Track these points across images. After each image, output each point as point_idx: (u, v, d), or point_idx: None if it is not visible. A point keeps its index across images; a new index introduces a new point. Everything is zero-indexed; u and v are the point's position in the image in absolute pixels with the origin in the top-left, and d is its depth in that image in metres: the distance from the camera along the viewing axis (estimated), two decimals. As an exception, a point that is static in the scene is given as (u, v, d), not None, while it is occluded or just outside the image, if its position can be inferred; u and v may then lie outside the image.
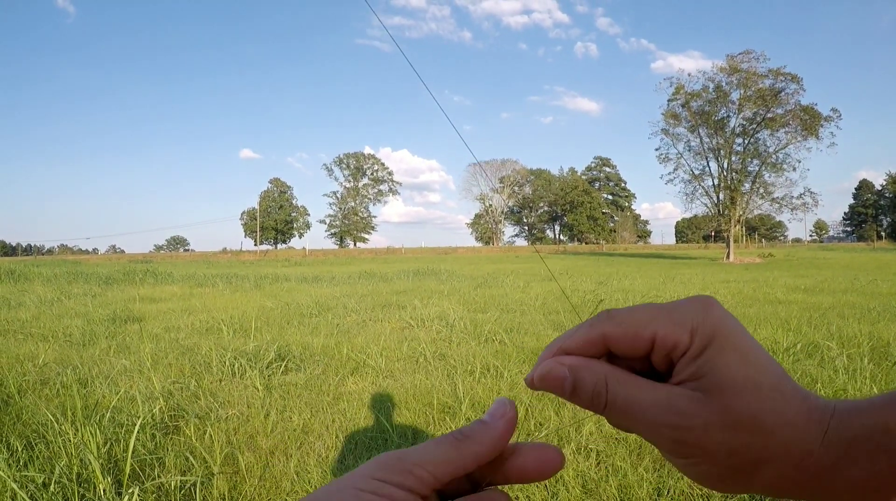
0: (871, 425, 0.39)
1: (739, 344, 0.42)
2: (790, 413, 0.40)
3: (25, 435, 3.82)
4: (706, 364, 0.41)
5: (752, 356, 0.42)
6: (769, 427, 0.40)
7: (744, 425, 0.40)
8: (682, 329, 0.42)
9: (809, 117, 42.07)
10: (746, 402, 0.40)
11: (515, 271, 23.82)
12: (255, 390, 5.13)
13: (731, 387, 0.40)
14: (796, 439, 0.40)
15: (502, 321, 8.73)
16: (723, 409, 0.40)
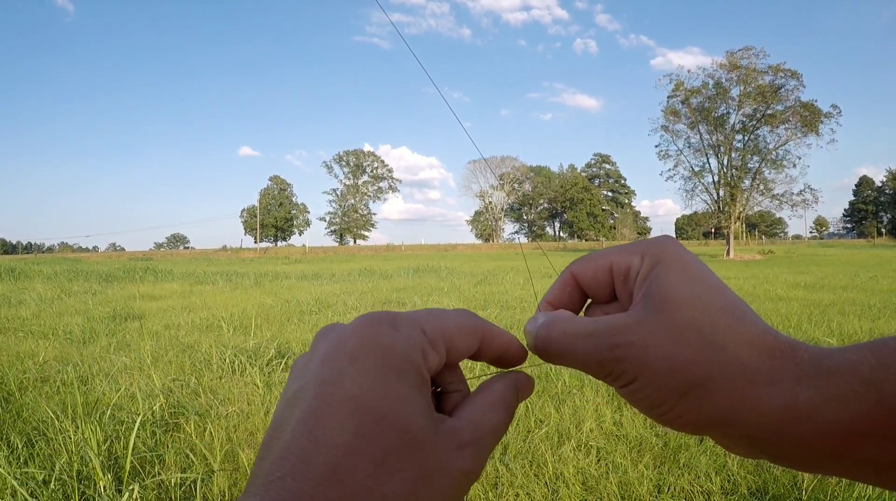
0: (856, 360, 0.35)
1: (689, 267, 0.42)
2: (746, 334, 0.38)
3: (26, 433, 3.83)
4: (653, 281, 0.41)
5: (701, 278, 0.41)
6: (718, 342, 0.38)
7: (687, 338, 0.38)
8: (634, 254, 0.44)
9: (809, 114, 42.12)
10: (691, 316, 0.39)
11: (515, 268, 23.82)
12: (255, 387, 5.13)
13: (676, 300, 0.39)
14: (755, 361, 0.37)
15: (502, 319, 8.73)
16: (665, 322, 0.39)
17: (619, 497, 2.90)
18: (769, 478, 3.05)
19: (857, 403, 0.34)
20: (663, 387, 0.38)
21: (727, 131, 45.15)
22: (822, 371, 0.35)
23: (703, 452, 3.38)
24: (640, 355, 0.39)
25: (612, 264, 0.45)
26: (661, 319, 0.39)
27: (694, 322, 0.38)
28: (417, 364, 0.38)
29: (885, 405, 0.33)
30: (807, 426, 0.35)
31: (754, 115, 44.06)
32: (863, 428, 0.34)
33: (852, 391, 0.34)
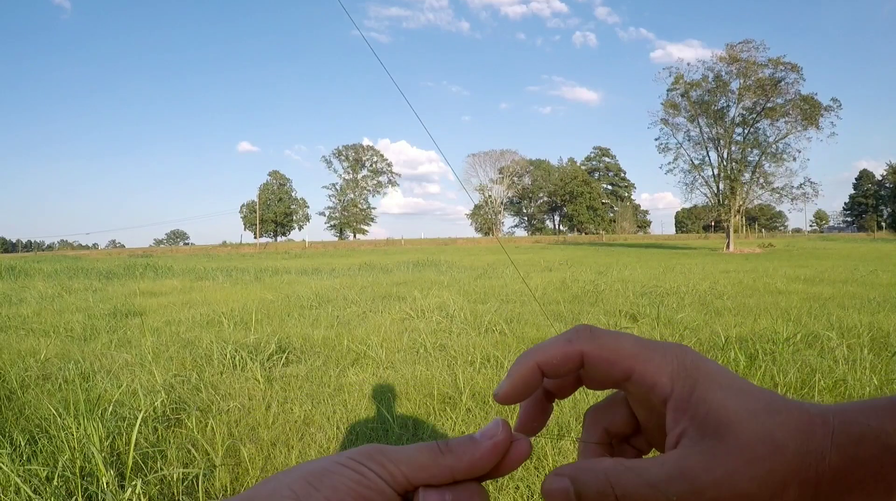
0: (878, 426, 0.39)
1: (725, 381, 0.42)
2: (794, 424, 0.39)
3: (28, 430, 3.84)
4: (701, 405, 0.41)
5: (739, 388, 0.41)
6: (782, 443, 0.39)
7: (761, 453, 0.39)
8: (661, 372, 0.42)
9: (809, 107, 41.99)
10: (755, 429, 0.39)
11: (515, 262, 23.83)
12: (256, 382, 5.15)
13: (736, 420, 0.40)
14: (808, 446, 0.39)
15: (502, 312, 8.75)
16: (737, 446, 0.39)
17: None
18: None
19: (878, 466, 0.38)
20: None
21: (727, 124, 45.03)
22: (853, 439, 0.39)
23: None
24: (729, 486, 0.39)
25: (632, 373, 0.43)
26: (730, 444, 0.39)
27: (760, 433, 0.39)
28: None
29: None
30: (841, 485, 0.39)
31: (754, 108, 43.94)
32: (882, 486, 0.39)
33: (875, 457, 0.38)
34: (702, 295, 10.83)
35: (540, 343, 0.47)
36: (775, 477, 0.39)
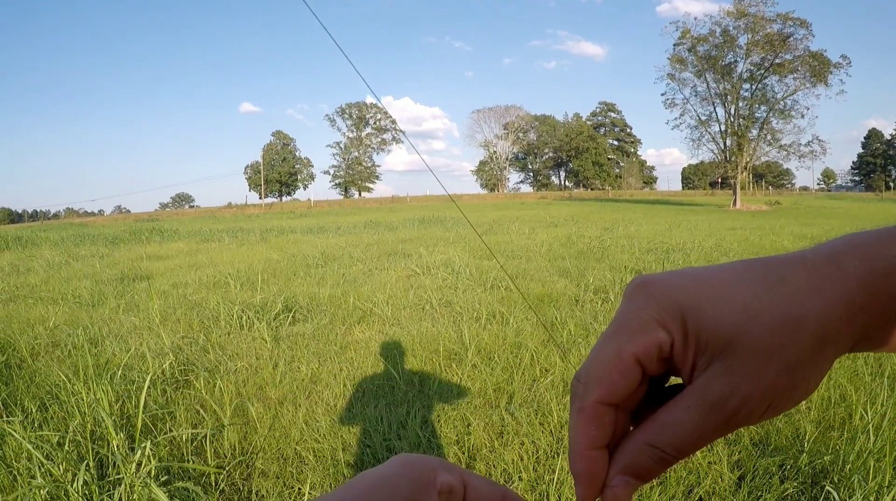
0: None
1: (704, 290, 0.38)
2: (803, 288, 0.36)
3: (39, 397, 3.88)
4: (698, 335, 0.37)
5: (724, 286, 0.38)
6: (798, 316, 0.36)
7: (780, 340, 0.36)
8: (651, 329, 0.38)
9: (818, 64, 41.33)
10: (762, 321, 0.36)
11: (521, 218, 23.80)
12: (262, 341, 5.18)
13: (737, 325, 0.36)
14: (828, 301, 0.36)
15: (508, 267, 8.76)
16: (752, 349, 0.36)
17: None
18: (772, 429, 3.08)
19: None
20: (793, 385, 0.37)
21: (734, 80, 44.40)
22: (879, 274, 0.36)
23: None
24: (760, 390, 0.36)
25: (637, 359, 0.38)
26: (740, 355, 0.36)
27: (765, 327, 0.36)
28: None
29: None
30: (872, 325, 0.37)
31: (762, 64, 43.25)
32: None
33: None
34: (707, 252, 10.81)
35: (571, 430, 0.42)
36: (806, 351, 0.36)
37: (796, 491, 2.54)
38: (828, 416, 3.18)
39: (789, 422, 3.13)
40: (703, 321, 0.37)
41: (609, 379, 0.38)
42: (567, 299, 6.47)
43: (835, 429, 3.03)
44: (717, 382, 0.36)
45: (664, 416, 0.38)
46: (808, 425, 3.02)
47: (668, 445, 0.38)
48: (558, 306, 6.10)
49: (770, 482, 2.59)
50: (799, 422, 3.11)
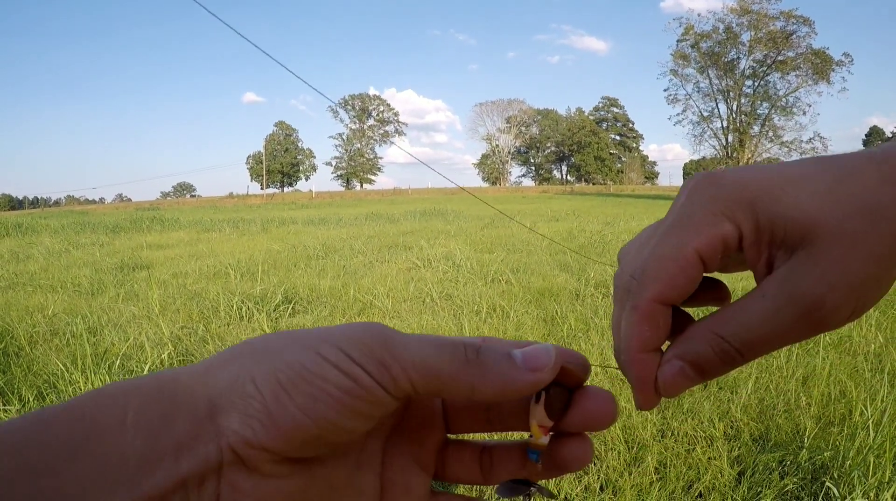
0: None
1: (776, 181, 0.35)
2: (875, 177, 0.34)
3: (37, 386, 3.87)
4: (773, 225, 0.35)
5: (796, 177, 0.35)
6: (876, 205, 0.34)
7: (861, 228, 0.33)
8: (717, 222, 0.36)
9: (821, 61, 41.45)
10: (841, 209, 0.34)
11: (522, 212, 23.76)
12: (262, 332, 5.15)
13: (816, 212, 0.34)
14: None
15: (509, 261, 8.74)
16: (834, 236, 0.34)
17: (623, 441, 2.93)
18: (772, 425, 3.07)
19: None
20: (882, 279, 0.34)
21: (737, 77, 44.54)
22: None
23: (706, 397, 3.40)
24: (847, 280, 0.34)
25: (700, 255, 0.36)
26: (822, 243, 0.34)
27: (845, 214, 0.34)
28: None
29: None
30: None
31: (765, 61, 43.39)
32: None
33: None
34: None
35: (617, 330, 0.40)
36: (887, 240, 0.33)
37: (796, 487, 2.53)
38: (828, 412, 3.17)
39: (789, 418, 3.12)
40: (780, 209, 0.35)
41: (669, 275, 0.36)
42: (568, 293, 6.45)
43: (835, 425, 3.02)
44: (800, 271, 0.34)
45: (737, 305, 0.36)
46: (807, 421, 3.01)
47: (735, 336, 0.35)
48: (559, 300, 6.08)
49: (770, 478, 2.58)
50: (799, 418, 3.10)
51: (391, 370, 0.32)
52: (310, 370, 0.31)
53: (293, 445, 0.31)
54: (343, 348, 0.32)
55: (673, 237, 0.36)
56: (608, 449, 2.88)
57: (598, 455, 2.85)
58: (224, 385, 0.31)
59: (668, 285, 0.36)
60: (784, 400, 3.34)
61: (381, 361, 0.32)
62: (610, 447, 2.90)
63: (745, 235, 0.36)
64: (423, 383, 0.33)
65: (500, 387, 0.33)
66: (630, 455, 2.83)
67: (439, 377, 0.33)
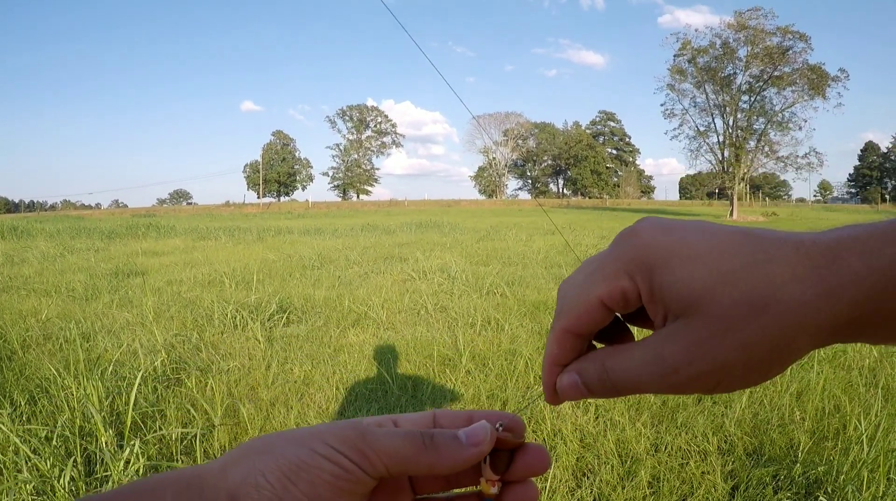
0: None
1: (685, 252, 0.39)
2: (788, 272, 0.36)
3: (29, 390, 3.85)
4: (665, 290, 0.38)
5: (706, 253, 0.38)
6: (770, 298, 0.36)
7: (739, 316, 0.36)
8: (619, 277, 0.40)
9: (817, 77, 41.59)
10: (728, 292, 0.36)
11: (518, 225, 23.79)
12: (256, 342, 5.16)
13: (703, 291, 0.37)
14: (813, 289, 0.35)
15: (504, 274, 8.74)
16: (709, 317, 0.37)
17: (617, 455, 2.92)
18: (766, 440, 3.07)
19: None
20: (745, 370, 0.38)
21: (733, 92, 44.63)
22: (876, 272, 0.35)
23: (700, 412, 3.40)
24: (708, 364, 0.38)
25: (602, 302, 0.41)
26: (700, 320, 0.37)
27: (731, 300, 0.36)
28: None
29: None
30: (882, 325, 0.36)
31: (761, 76, 43.50)
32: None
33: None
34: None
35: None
36: (769, 336, 0.36)
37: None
38: (822, 427, 3.17)
39: (783, 433, 3.12)
40: (672, 280, 0.38)
41: (576, 314, 0.42)
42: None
43: (829, 440, 3.02)
44: (672, 338, 0.38)
45: (625, 350, 0.41)
46: (802, 435, 3.01)
47: (614, 371, 0.41)
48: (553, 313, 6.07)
49: (764, 492, 2.58)
50: (793, 433, 3.09)
51: (369, 458, 0.40)
52: (307, 462, 0.39)
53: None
54: (331, 443, 0.40)
55: (587, 284, 0.42)
56: (602, 463, 2.87)
57: (591, 469, 2.84)
58: (239, 480, 0.38)
59: (576, 321, 0.43)
60: (778, 415, 3.34)
61: (361, 452, 0.40)
62: (603, 461, 2.89)
63: (642, 293, 0.40)
64: (394, 466, 0.40)
65: (451, 463, 0.41)
66: (623, 469, 2.82)
67: (405, 461, 0.41)
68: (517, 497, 0.44)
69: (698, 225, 0.41)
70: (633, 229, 0.42)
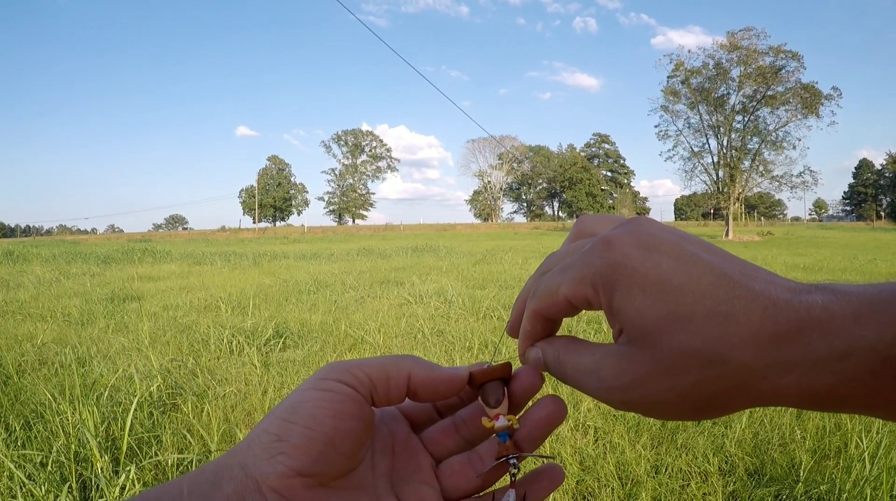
0: (874, 337, 0.32)
1: (651, 280, 0.37)
2: (745, 334, 0.34)
3: (24, 415, 3.82)
4: (620, 315, 0.38)
5: (671, 288, 0.37)
6: (717, 356, 0.35)
7: (682, 366, 0.36)
8: (584, 284, 0.40)
9: (810, 95, 42.01)
10: (680, 339, 0.35)
11: (514, 248, 23.82)
12: (252, 367, 5.13)
13: (655, 330, 0.36)
14: (763, 359, 0.34)
15: (501, 298, 8.74)
16: (653, 356, 0.37)
17: (617, 478, 2.90)
18: (767, 459, 3.05)
19: (875, 381, 0.32)
20: (679, 408, 0.38)
21: (727, 112, 45.05)
22: (836, 354, 0.32)
23: (700, 433, 3.38)
24: (643, 393, 0.38)
25: (569, 301, 0.42)
26: (647, 354, 0.37)
27: (682, 346, 0.36)
28: None
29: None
30: (826, 401, 0.34)
31: (754, 96, 43.94)
32: (882, 399, 0.33)
33: (870, 371, 0.32)
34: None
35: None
36: (707, 390, 0.36)
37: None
38: (823, 445, 3.16)
39: (784, 452, 3.10)
40: (628, 305, 0.38)
41: (545, 304, 0.44)
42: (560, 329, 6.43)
43: (830, 458, 3.01)
44: (612, 362, 0.39)
45: (580, 350, 0.43)
46: (803, 454, 3.00)
47: (562, 368, 0.43)
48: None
49: (765, 515, 2.56)
50: (794, 452, 3.08)
51: (355, 374, 0.42)
52: (301, 400, 0.41)
53: (313, 456, 0.39)
54: (317, 376, 0.42)
55: (558, 277, 0.43)
56: (602, 486, 2.85)
57: (591, 493, 2.82)
58: (245, 448, 0.40)
59: (545, 309, 0.44)
60: (779, 434, 3.33)
61: (346, 371, 0.42)
62: (604, 483, 2.87)
63: (603, 306, 0.40)
64: (376, 375, 0.43)
65: (428, 373, 0.45)
66: (624, 492, 2.80)
67: (386, 372, 0.44)
68: (533, 418, 0.47)
69: (680, 248, 0.39)
70: (610, 239, 0.40)
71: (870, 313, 0.32)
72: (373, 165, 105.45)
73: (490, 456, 0.47)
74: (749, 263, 0.39)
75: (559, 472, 0.48)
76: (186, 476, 0.40)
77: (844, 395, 0.33)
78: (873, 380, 0.32)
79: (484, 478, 0.47)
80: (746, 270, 0.38)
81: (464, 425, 0.49)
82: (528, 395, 0.47)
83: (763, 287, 0.36)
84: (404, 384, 0.44)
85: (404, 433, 0.48)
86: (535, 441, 0.47)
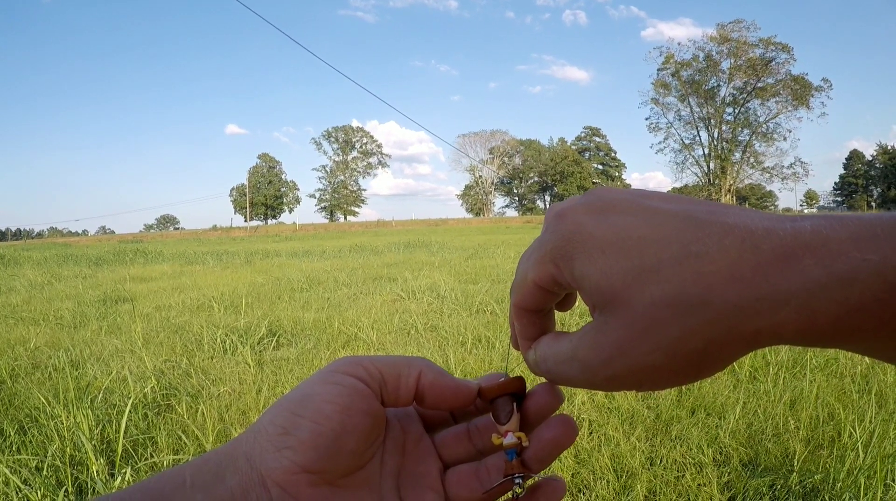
0: (879, 260, 0.28)
1: (609, 240, 0.35)
2: (724, 269, 0.31)
3: (18, 420, 3.81)
4: (584, 283, 0.36)
5: (632, 243, 0.34)
6: (698, 299, 0.31)
7: (661, 318, 0.32)
8: (545, 263, 0.39)
9: (800, 87, 42.23)
10: (648, 294, 0.33)
11: (506, 242, 23.84)
12: (246, 366, 5.13)
13: (622, 290, 0.34)
14: (753, 292, 0.30)
15: (493, 292, 8.74)
16: (627, 319, 0.34)
17: (612, 470, 2.91)
18: (761, 450, 3.07)
19: (884, 310, 0.28)
20: (671, 372, 0.34)
21: (717, 104, 45.29)
22: (837, 280, 0.29)
23: (694, 424, 3.39)
24: (626, 363, 0.35)
25: (538, 285, 0.41)
26: (616, 319, 0.35)
27: (652, 299, 0.33)
28: None
29: None
30: (831, 335, 0.30)
31: (745, 88, 44.19)
32: (890, 331, 0.29)
33: (876, 299, 0.28)
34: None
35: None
36: (694, 341, 0.32)
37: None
38: (816, 435, 3.18)
39: (778, 442, 3.12)
40: (590, 271, 0.36)
41: (521, 295, 0.43)
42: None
43: (824, 448, 3.02)
44: (591, 334, 0.37)
45: (557, 341, 0.42)
46: (797, 444, 3.01)
47: (546, 365, 0.42)
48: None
49: (760, 504, 2.57)
50: (788, 442, 3.10)
51: (366, 367, 0.43)
52: (309, 393, 0.41)
53: (320, 452, 0.39)
54: (328, 369, 0.43)
55: (524, 265, 0.42)
56: (597, 479, 2.86)
57: (587, 485, 2.83)
58: (251, 438, 0.40)
59: (522, 300, 0.43)
60: (772, 424, 3.34)
61: (356, 364, 0.43)
62: (599, 476, 2.88)
63: (568, 279, 0.38)
64: (387, 371, 0.44)
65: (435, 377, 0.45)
66: (619, 484, 2.81)
67: (397, 369, 0.44)
68: (542, 438, 0.45)
69: (637, 204, 0.36)
70: (561, 210, 0.39)
71: (870, 236, 0.29)
72: (363, 162, 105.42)
73: (498, 470, 0.46)
74: (720, 203, 0.36)
75: (561, 486, 0.45)
76: (189, 463, 0.40)
77: (851, 327, 0.29)
78: (882, 309, 0.28)
79: (488, 494, 0.46)
80: (716, 208, 0.34)
81: (477, 433, 0.48)
82: (543, 414, 0.46)
83: (737, 219, 0.33)
84: (414, 384, 0.44)
85: (417, 432, 0.48)
86: (542, 462, 0.45)
